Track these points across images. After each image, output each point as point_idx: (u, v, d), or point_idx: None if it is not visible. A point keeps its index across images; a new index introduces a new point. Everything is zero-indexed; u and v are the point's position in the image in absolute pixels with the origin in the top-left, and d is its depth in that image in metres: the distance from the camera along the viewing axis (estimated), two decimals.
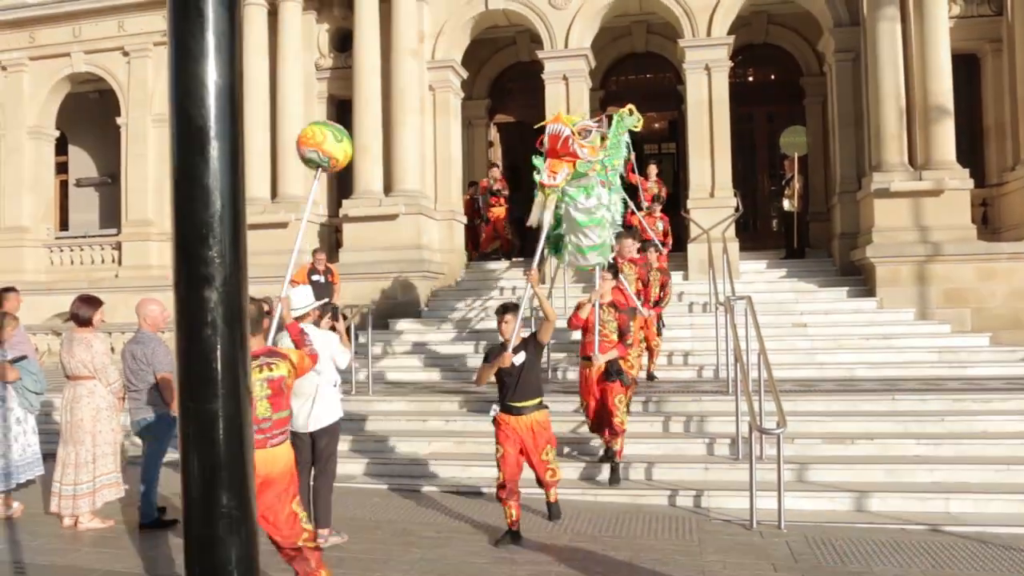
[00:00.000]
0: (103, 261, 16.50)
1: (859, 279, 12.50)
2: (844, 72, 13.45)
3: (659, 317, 10.32)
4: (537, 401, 6.24)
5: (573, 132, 6.53)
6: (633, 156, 10.23)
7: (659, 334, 10.39)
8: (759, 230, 16.48)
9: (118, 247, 16.25)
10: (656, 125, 19.48)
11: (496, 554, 5.79)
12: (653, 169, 13.65)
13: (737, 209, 13.09)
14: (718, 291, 10.53)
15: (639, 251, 9.89)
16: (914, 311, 11.60)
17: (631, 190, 10.62)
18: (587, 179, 6.79)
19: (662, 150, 20.01)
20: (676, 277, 13.28)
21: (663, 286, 10.15)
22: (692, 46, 13.58)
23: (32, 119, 17.07)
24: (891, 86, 12.25)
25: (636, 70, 17.15)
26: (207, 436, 1.00)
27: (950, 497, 6.80)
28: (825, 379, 9.93)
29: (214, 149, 1.00)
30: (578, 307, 7.88)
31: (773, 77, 16.77)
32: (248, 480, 1.01)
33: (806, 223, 14.42)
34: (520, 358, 6.19)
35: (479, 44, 15.79)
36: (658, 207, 12.98)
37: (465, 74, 15.32)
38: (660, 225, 12.68)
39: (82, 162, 19.00)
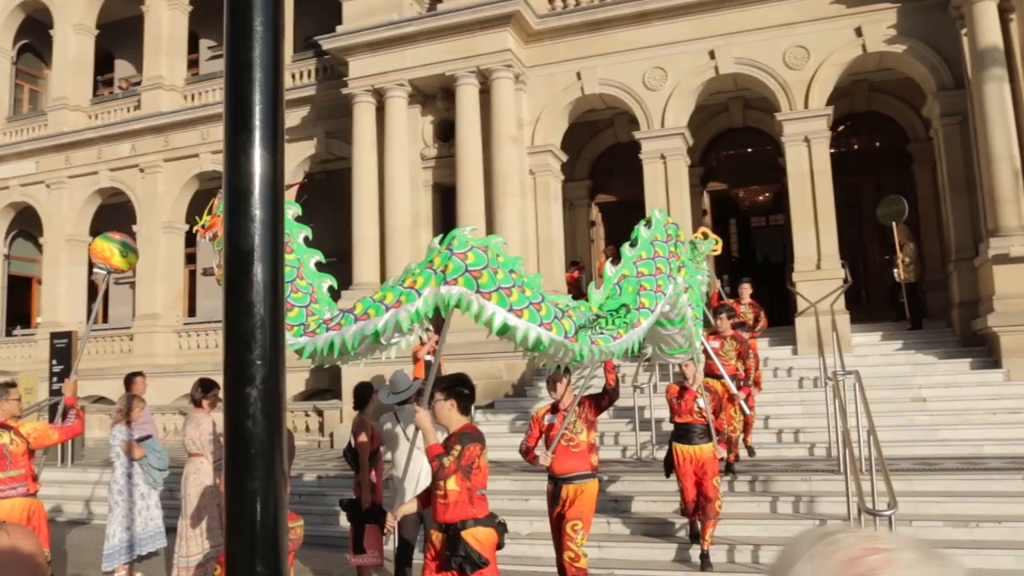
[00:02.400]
0: None
1: (982, 349, 11.86)
2: (952, 136, 13.07)
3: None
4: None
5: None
6: (717, 283, 10.11)
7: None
8: (872, 301, 15.91)
9: None
10: (760, 198, 19.35)
11: None
12: (747, 290, 11.58)
13: (846, 280, 12.74)
14: (828, 365, 10.21)
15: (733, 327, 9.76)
16: None
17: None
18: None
19: (770, 222, 19.82)
20: (785, 351, 13.01)
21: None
22: (789, 119, 13.54)
23: (165, 215, 18.53)
24: (1003, 147, 11.81)
25: (736, 145, 17.14)
26: (246, 513, 1.15)
27: None
28: (947, 456, 9.38)
29: (257, 272, 1.17)
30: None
31: (878, 144, 16.42)
32: (281, 550, 1.15)
33: (921, 292, 13.86)
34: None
35: (578, 127, 16.21)
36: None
37: (564, 157, 15.70)
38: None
39: (208, 252, 20.34)
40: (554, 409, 6.31)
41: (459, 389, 4.68)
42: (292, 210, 5.59)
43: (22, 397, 6.66)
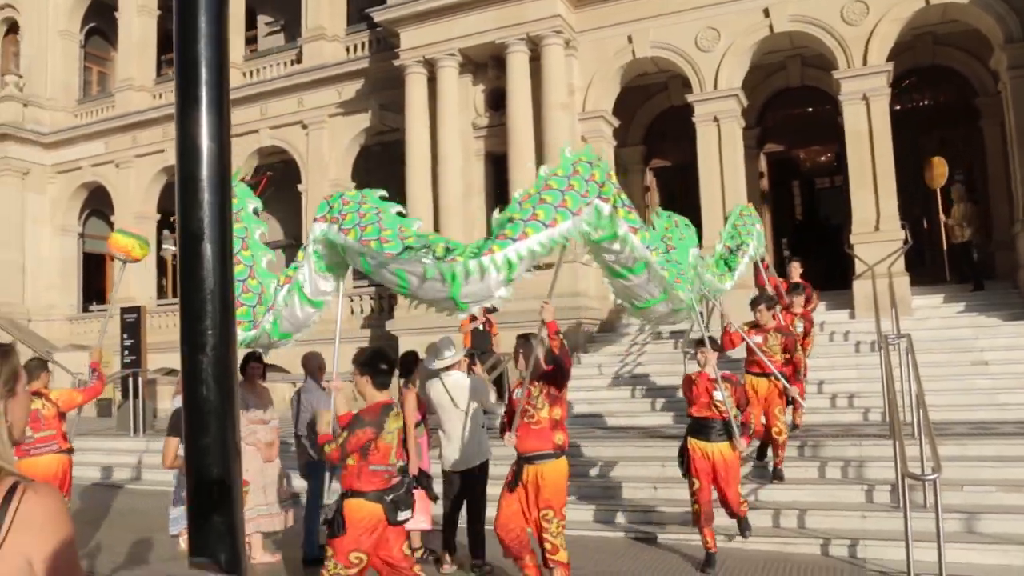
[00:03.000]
0: None
1: None
2: (1021, 89, 12.53)
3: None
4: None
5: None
6: (764, 261, 9.42)
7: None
8: (936, 263, 15.45)
9: None
10: (822, 159, 18.86)
11: None
12: (796, 269, 10.82)
13: (906, 242, 12.42)
14: (885, 329, 10.01)
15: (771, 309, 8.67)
16: None
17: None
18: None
19: (835, 183, 19.30)
20: (843, 315, 12.79)
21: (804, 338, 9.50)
22: (847, 76, 13.16)
23: None
24: None
25: (794, 104, 16.72)
26: (203, 468, 1.28)
27: None
28: (1007, 421, 9.15)
29: (207, 250, 1.29)
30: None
31: (943, 100, 15.83)
32: (235, 500, 1.28)
33: (985, 253, 13.43)
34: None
35: (631, 92, 16.03)
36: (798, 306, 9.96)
37: (616, 123, 15.57)
38: (800, 326, 9.67)
39: (271, 228, 20.86)
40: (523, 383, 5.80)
41: (376, 365, 4.76)
42: (253, 204, 5.77)
43: (103, 368, 7.46)
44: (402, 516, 4.67)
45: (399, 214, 5.06)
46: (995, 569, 6.21)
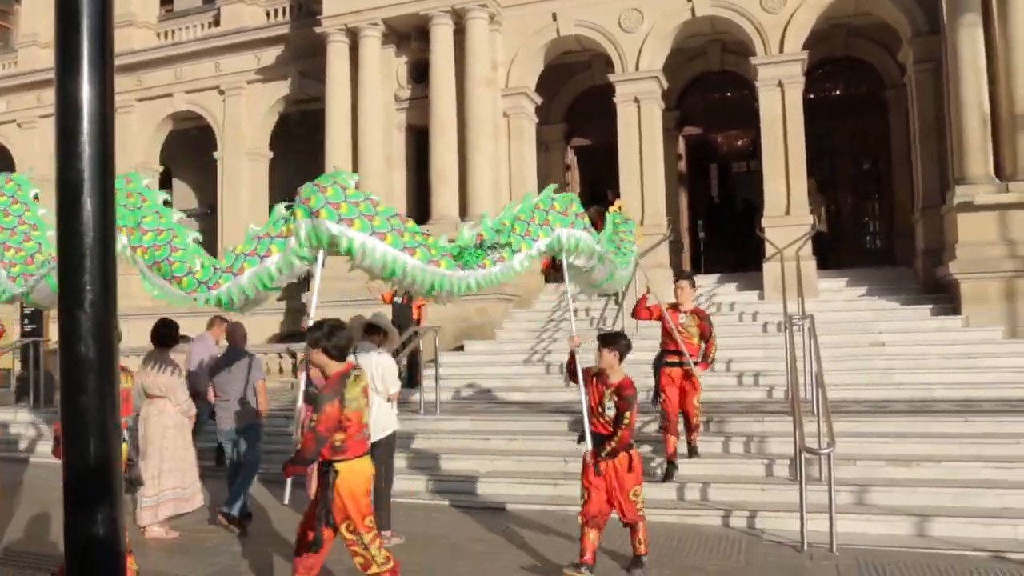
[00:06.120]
0: None
1: (944, 296, 12.05)
2: (925, 83, 13.08)
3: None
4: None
5: None
6: (646, 282, 8.83)
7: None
8: (843, 248, 16.08)
9: None
10: (739, 143, 19.31)
11: (541, 570, 5.92)
12: (685, 291, 8.25)
13: (813, 227, 12.86)
14: (791, 311, 10.37)
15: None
16: (1003, 329, 11.11)
17: None
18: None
19: (751, 168, 19.78)
20: (752, 296, 13.17)
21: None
22: (764, 63, 13.49)
23: (139, 156, 18.34)
24: (973, 95, 11.82)
25: (713, 89, 17.07)
26: (80, 424, 1.25)
27: (1019, 523, 6.51)
28: (900, 400, 9.61)
29: (87, 204, 1.24)
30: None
31: (855, 91, 16.40)
32: (112, 453, 1.26)
33: (888, 239, 14.03)
34: None
35: (555, 69, 16.07)
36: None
37: (539, 100, 15.61)
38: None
39: (184, 195, 20.23)
40: None
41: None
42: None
43: None
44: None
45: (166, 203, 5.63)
46: (883, 538, 6.53)
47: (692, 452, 8.05)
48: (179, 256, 5.34)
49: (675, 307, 8.14)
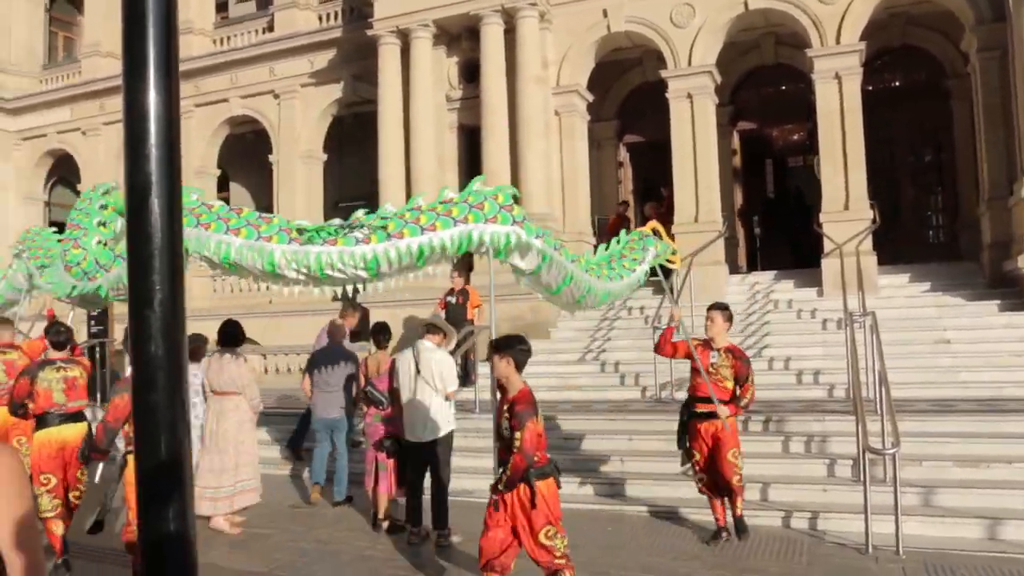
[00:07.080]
0: (259, 289, 17.77)
1: (1012, 291, 11.64)
2: (990, 71, 12.65)
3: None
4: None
5: None
6: (677, 313, 7.12)
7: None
8: (905, 242, 15.65)
9: None
10: (795, 137, 18.95)
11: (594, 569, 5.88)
12: (719, 321, 6.87)
13: (874, 221, 12.55)
14: (851, 308, 10.14)
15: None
16: None
17: None
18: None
19: (807, 162, 19.39)
20: (811, 293, 12.90)
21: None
22: (820, 55, 13.19)
23: (197, 160, 18.72)
24: None
25: (767, 83, 16.76)
26: (151, 421, 1.27)
27: None
28: (967, 399, 9.32)
29: (155, 205, 1.27)
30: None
31: (915, 80, 15.96)
32: (183, 452, 1.28)
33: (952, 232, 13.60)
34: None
35: (606, 67, 15.96)
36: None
37: (590, 97, 15.52)
38: None
39: (241, 197, 20.61)
40: None
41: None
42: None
43: None
44: None
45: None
46: (950, 541, 6.35)
47: (740, 530, 6.53)
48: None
49: (706, 343, 6.81)
